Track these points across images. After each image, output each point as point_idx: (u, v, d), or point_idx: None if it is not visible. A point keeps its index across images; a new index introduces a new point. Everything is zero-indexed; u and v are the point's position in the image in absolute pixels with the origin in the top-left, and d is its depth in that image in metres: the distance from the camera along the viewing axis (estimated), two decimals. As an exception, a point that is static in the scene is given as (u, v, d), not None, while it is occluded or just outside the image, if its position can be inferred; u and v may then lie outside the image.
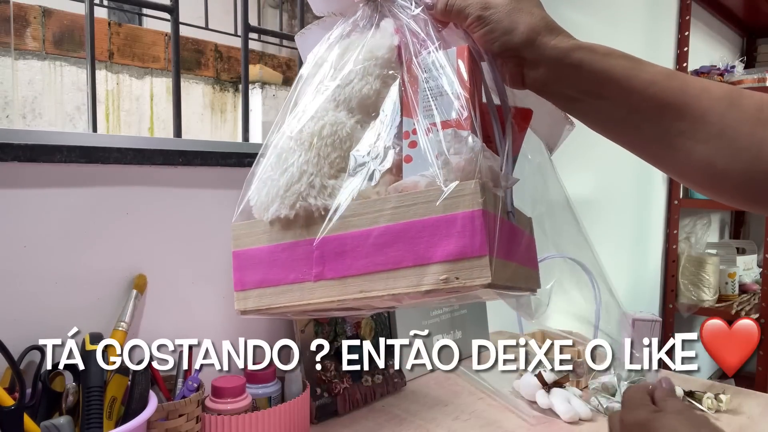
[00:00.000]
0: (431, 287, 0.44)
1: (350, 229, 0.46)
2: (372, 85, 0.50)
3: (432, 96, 0.47)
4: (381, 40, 0.51)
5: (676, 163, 0.47)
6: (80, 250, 0.77)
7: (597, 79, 0.46)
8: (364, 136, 0.49)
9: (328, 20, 0.58)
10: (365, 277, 0.46)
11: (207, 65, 2.68)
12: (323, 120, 0.49)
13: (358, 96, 0.50)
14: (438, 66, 0.48)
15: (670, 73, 0.46)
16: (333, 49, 0.53)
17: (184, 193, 0.87)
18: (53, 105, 2.20)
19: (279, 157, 0.50)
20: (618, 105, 0.47)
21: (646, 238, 2.29)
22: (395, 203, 0.45)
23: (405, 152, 0.48)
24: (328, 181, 0.48)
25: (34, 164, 0.72)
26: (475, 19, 0.47)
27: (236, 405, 0.80)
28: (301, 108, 0.52)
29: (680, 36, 2.35)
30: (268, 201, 0.50)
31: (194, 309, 0.89)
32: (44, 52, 2.16)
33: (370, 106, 0.50)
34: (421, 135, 0.47)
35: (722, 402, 1.07)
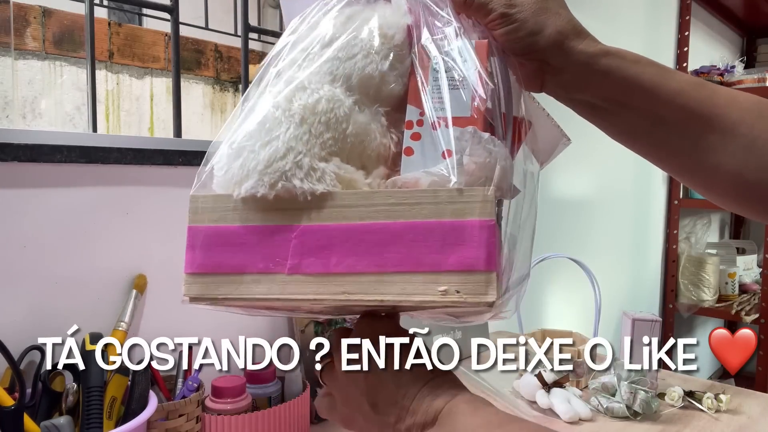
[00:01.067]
0: (427, 298, 0.39)
1: (339, 221, 0.41)
2: (378, 65, 0.45)
3: (445, 87, 0.43)
4: (392, 18, 0.46)
5: (703, 176, 0.46)
6: (80, 250, 0.77)
7: (624, 87, 0.44)
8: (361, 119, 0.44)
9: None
10: (350, 277, 0.41)
11: (207, 65, 2.68)
12: (318, 93, 0.43)
13: (360, 74, 0.44)
14: (456, 56, 0.43)
15: (698, 82, 0.45)
16: (331, 13, 0.47)
17: (184, 193, 0.87)
18: (53, 105, 2.20)
19: (261, 126, 0.43)
20: (644, 115, 0.45)
21: (646, 238, 2.29)
22: (395, 199, 0.40)
23: (406, 143, 0.43)
24: (318, 164, 0.42)
25: (34, 164, 0.72)
26: (498, 15, 0.44)
27: (236, 405, 0.80)
28: (289, 73, 0.46)
29: (680, 36, 2.35)
30: (242, 174, 0.43)
31: (194, 309, 0.89)
32: (44, 52, 2.16)
33: (371, 88, 0.45)
34: (427, 127, 0.43)
35: (722, 402, 1.07)
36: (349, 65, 0.45)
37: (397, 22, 0.46)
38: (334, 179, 0.42)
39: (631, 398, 1.03)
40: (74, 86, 2.23)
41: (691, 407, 1.08)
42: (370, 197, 0.41)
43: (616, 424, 1.01)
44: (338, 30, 0.46)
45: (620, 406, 1.03)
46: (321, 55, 0.45)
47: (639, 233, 2.23)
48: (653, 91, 0.44)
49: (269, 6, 3.49)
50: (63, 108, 2.21)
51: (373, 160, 0.45)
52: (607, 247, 1.97)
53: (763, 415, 1.07)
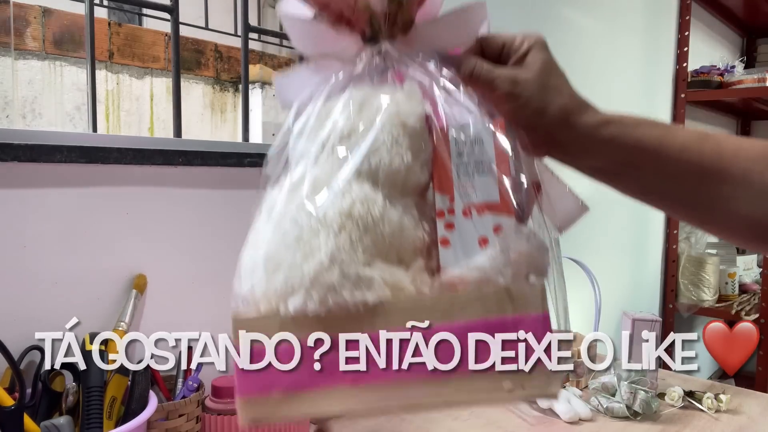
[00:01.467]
0: (494, 396, 0.39)
1: (395, 327, 0.40)
2: (403, 157, 0.43)
3: (469, 172, 0.42)
4: (409, 106, 0.44)
5: (719, 224, 0.46)
6: (80, 250, 0.77)
7: (628, 152, 0.45)
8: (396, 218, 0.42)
9: (320, 63, 0.51)
10: (413, 384, 0.40)
11: (207, 65, 2.68)
12: (350, 196, 0.41)
13: (387, 169, 0.42)
14: (476, 137, 0.43)
15: (701, 136, 0.45)
16: (339, 101, 0.46)
17: (184, 193, 0.87)
18: (53, 105, 2.20)
19: (298, 237, 0.41)
20: (652, 174, 0.45)
21: (646, 238, 2.29)
22: (448, 302, 0.40)
23: (440, 233, 0.42)
24: (363, 271, 0.41)
25: (34, 164, 0.72)
26: (503, 94, 0.44)
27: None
28: (308, 171, 0.43)
29: (680, 36, 2.35)
30: (287, 290, 0.41)
31: (194, 309, 0.89)
32: (44, 52, 2.16)
33: (398, 181, 0.43)
34: (458, 216, 0.42)
35: (722, 402, 1.07)
36: (374, 160, 0.43)
37: (415, 110, 0.44)
38: (381, 284, 0.41)
39: (631, 398, 1.03)
40: (74, 86, 2.23)
41: (691, 407, 1.08)
42: (422, 302, 0.40)
43: (616, 424, 1.01)
44: (354, 120, 0.44)
45: (620, 406, 1.03)
46: (340, 149, 0.43)
47: (639, 233, 2.23)
48: (657, 152, 0.44)
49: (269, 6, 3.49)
50: (63, 108, 2.22)
51: (409, 253, 0.43)
52: (607, 247, 1.97)
53: (763, 415, 1.07)
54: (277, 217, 0.44)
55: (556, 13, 1.62)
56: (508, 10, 1.44)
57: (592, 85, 1.96)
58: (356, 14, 0.46)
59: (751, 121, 3.05)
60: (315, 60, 0.51)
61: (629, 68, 2.06)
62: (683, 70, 2.34)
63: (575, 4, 1.71)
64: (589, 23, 1.80)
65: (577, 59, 1.75)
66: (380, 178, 0.43)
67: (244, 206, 0.97)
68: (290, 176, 0.45)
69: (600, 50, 1.87)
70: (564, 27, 1.66)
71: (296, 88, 0.51)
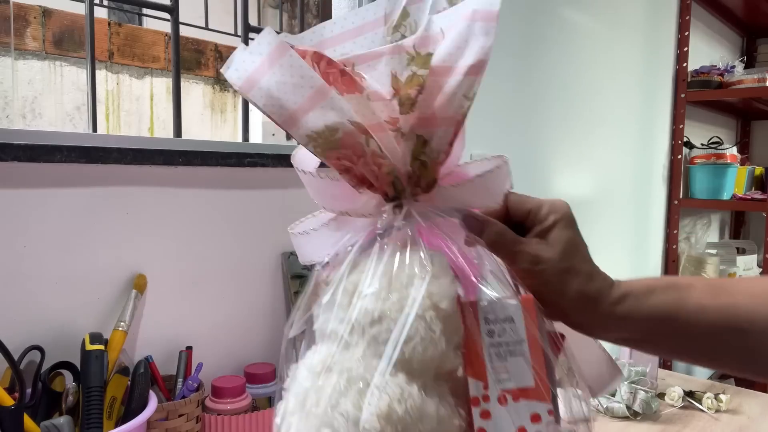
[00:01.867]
0: None
1: None
2: (438, 344, 0.40)
3: (501, 354, 0.41)
4: (441, 286, 0.42)
5: (758, 372, 0.46)
6: (80, 250, 0.77)
7: (645, 325, 0.45)
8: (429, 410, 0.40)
9: (339, 219, 0.49)
10: None
11: (207, 65, 2.68)
12: (386, 394, 0.39)
13: (421, 358, 0.40)
14: (506, 317, 0.41)
15: (714, 290, 0.45)
16: (366, 273, 0.43)
17: (184, 193, 0.87)
18: (53, 105, 2.20)
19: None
20: (672, 339, 0.45)
21: (646, 238, 2.29)
22: None
23: (477, 423, 0.40)
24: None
25: (34, 164, 0.72)
26: (524, 271, 0.45)
27: (236, 405, 0.80)
28: (337, 358, 0.41)
29: (680, 36, 2.35)
30: None
31: (194, 309, 0.89)
32: (44, 52, 2.16)
33: (432, 369, 0.41)
34: (494, 403, 0.40)
35: (722, 402, 1.07)
36: (407, 350, 0.40)
37: (447, 291, 0.42)
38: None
39: (631, 398, 1.03)
40: (74, 86, 2.23)
41: (691, 407, 1.08)
42: None
43: (616, 424, 1.01)
44: (383, 303, 0.41)
45: (620, 406, 1.03)
46: (370, 334, 0.41)
47: (639, 233, 2.23)
48: (674, 319, 0.44)
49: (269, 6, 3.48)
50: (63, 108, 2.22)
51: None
52: (607, 247, 1.97)
53: (763, 415, 1.07)
54: (309, 415, 0.41)
55: (556, 13, 1.62)
56: (509, 10, 1.44)
57: (593, 85, 1.97)
58: (380, 179, 0.45)
59: (751, 121, 3.05)
60: (332, 213, 0.50)
61: (629, 68, 2.06)
62: (683, 70, 2.34)
63: (575, 4, 1.71)
64: (589, 23, 1.80)
65: (577, 59, 1.75)
66: (414, 368, 0.41)
67: (244, 206, 0.98)
68: (318, 354, 0.43)
69: (600, 50, 1.87)
70: (564, 27, 1.66)
71: (315, 246, 0.50)
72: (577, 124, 1.76)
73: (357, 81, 0.45)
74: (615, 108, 1.97)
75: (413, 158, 0.45)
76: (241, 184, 0.94)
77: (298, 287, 1.00)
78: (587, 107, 1.80)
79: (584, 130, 1.80)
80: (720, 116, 2.84)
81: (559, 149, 1.68)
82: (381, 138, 0.45)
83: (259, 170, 0.96)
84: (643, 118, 2.18)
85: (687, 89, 2.34)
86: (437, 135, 0.45)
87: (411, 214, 0.45)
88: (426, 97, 0.44)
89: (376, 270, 0.43)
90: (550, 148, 1.64)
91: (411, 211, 0.45)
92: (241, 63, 0.42)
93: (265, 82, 0.41)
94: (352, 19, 0.50)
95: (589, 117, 1.82)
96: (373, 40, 0.49)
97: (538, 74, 1.57)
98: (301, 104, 0.41)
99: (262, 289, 0.98)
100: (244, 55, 0.42)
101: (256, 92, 0.41)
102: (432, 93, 0.44)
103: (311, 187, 0.50)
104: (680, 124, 2.36)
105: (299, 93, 0.41)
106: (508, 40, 1.46)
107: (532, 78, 1.55)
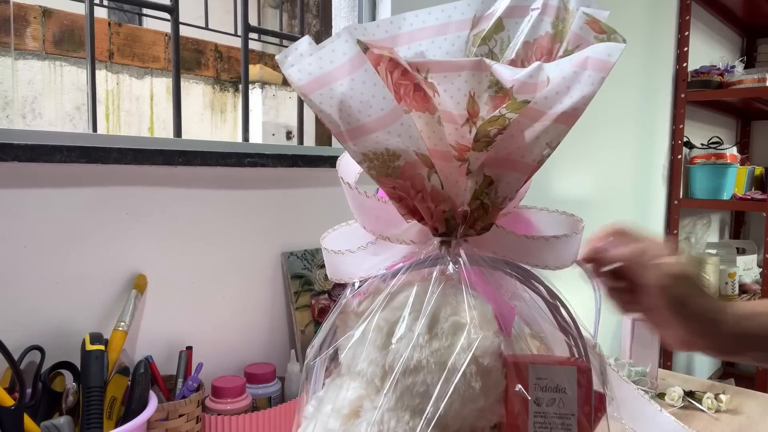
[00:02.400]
0: None
1: None
2: (477, 401, 0.38)
3: (546, 425, 0.38)
4: (484, 339, 0.39)
5: None
6: (80, 250, 0.77)
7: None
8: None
9: (378, 244, 0.46)
10: None
11: (207, 65, 2.67)
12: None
13: (457, 415, 0.38)
14: (557, 386, 0.38)
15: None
16: (404, 311, 0.40)
17: (184, 193, 0.87)
18: (53, 105, 2.20)
19: None
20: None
21: (646, 238, 2.28)
22: None
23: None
24: None
25: (34, 164, 0.72)
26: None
27: (236, 405, 0.80)
28: (368, 405, 0.38)
29: (680, 36, 2.35)
30: None
31: (194, 309, 0.89)
32: (44, 52, 2.16)
33: (468, 425, 0.39)
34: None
35: (722, 402, 1.07)
36: (444, 406, 0.38)
37: (490, 345, 0.39)
38: None
39: (631, 398, 1.02)
40: (74, 86, 2.23)
41: (691, 407, 1.08)
42: None
43: (616, 425, 1.01)
44: (422, 351, 0.38)
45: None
46: (404, 384, 0.38)
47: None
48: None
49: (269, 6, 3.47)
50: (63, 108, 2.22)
51: None
52: (607, 247, 1.97)
53: (763, 415, 1.07)
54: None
55: (556, 13, 1.62)
56: (508, 10, 1.44)
57: (592, 85, 1.95)
58: (434, 216, 0.42)
59: (751, 121, 3.05)
60: (372, 235, 0.46)
61: (629, 68, 2.06)
62: (683, 70, 2.34)
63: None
64: (589, 23, 1.80)
65: (577, 59, 1.74)
66: (449, 424, 0.38)
67: (244, 206, 0.98)
68: (345, 393, 0.40)
69: (600, 50, 1.86)
70: (564, 27, 1.65)
71: (349, 267, 0.46)
72: (576, 124, 1.75)
73: (430, 98, 0.41)
74: (615, 108, 1.97)
75: (474, 198, 0.41)
76: (241, 184, 0.94)
77: (298, 287, 1.00)
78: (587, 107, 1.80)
79: (584, 130, 1.80)
80: (720, 116, 2.84)
81: (559, 149, 1.67)
82: (444, 168, 0.41)
83: (259, 170, 0.96)
84: (643, 118, 2.18)
85: (687, 89, 2.34)
86: (506, 179, 0.41)
87: (459, 253, 0.42)
88: (505, 137, 0.40)
89: (414, 310, 0.39)
90: (550, 148, 1.63)
91: (459, 251, 0.42)
92: (306, 63, 0.38)
93: (338, 89, 0.38)
94: (437, 15, 0.45)
95: (589, 117, 1.81)
96: (453, 43, 0.45)
97: (538, 74, 1.56)
98: (369, 121, 0.38)
99: (262, 289, 0.98)
100: (312, 58, 0.38)
101: (323, 96, 0.38)
102: (513, 135, 0.40)
103: (353, 202, 0.46)
104: (680, 124, 2.36)
105: (370, 110, 0.38)
106: (508, 40, 1.46)
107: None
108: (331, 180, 1.08)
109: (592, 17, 0.41)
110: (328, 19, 1.19)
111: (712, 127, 2.74)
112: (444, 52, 0.45)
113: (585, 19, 0.42)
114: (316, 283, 1.02)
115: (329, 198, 1.07)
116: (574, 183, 1.74)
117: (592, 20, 0.41)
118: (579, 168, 1.76)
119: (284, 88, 2.81)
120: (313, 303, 1.01)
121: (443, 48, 0.45)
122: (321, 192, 1.06)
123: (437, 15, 0.46)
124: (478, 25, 0.45)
